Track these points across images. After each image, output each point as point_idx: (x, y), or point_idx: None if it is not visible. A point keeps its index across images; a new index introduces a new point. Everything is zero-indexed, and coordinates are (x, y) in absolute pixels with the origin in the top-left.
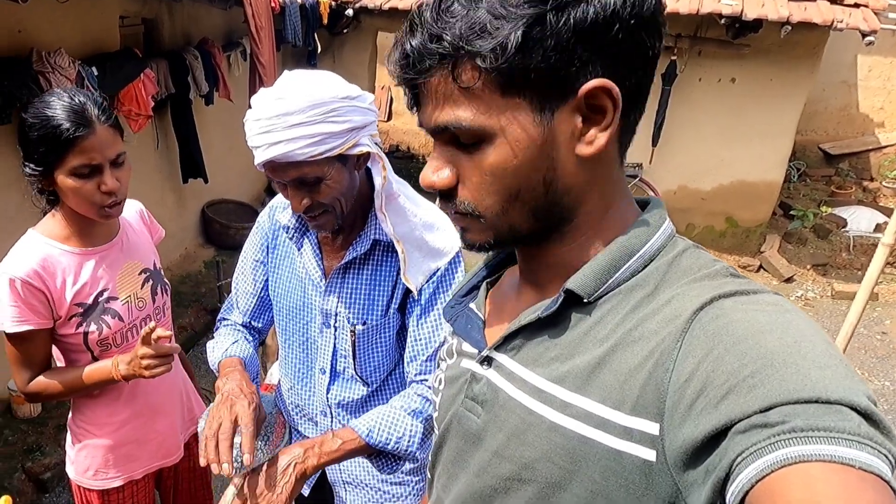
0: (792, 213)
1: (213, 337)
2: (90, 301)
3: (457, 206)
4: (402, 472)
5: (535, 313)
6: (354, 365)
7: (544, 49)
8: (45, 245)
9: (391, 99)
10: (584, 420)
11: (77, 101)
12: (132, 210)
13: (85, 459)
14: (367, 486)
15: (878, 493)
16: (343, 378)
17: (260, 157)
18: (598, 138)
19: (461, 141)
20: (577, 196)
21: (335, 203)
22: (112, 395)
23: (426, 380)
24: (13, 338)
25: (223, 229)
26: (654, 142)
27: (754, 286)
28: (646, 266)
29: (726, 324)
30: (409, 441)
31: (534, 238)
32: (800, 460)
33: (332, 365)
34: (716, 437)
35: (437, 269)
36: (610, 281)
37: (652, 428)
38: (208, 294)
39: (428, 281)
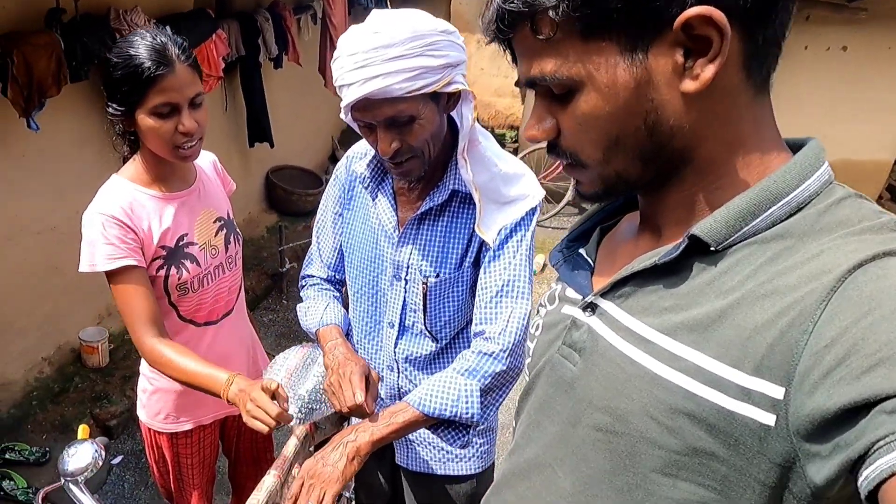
0: None
1: (294, 297)
2: (172, 244)
3: (562, 156)
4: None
5: (652, 259)
6: (424, 319)
7: None
8: (130, 188)
9: None
10: (693, 375)
11: (159, 40)
12: (206, 160)
13: (156, 403)
14: (429, 444)
15: None
16: (412, 333)
17: (353, 94)
18: (706, 71)
19: (554, 92)
20: (691, 136)
21: (424, 146)
22: (185, 344)
23: (485, 332)
24: (113, 280)
25: (286, 195)
26: None
27: None
28: (792, 215)
29: (888, 287)
30: (466, 402)
31: (650, 184)
32: None
33: (401, 319)
34: (853, 412)
35: (520, 220)
36: (745, 229)
37: (776, 392)
38: (270, 258)
39: (502, 230)
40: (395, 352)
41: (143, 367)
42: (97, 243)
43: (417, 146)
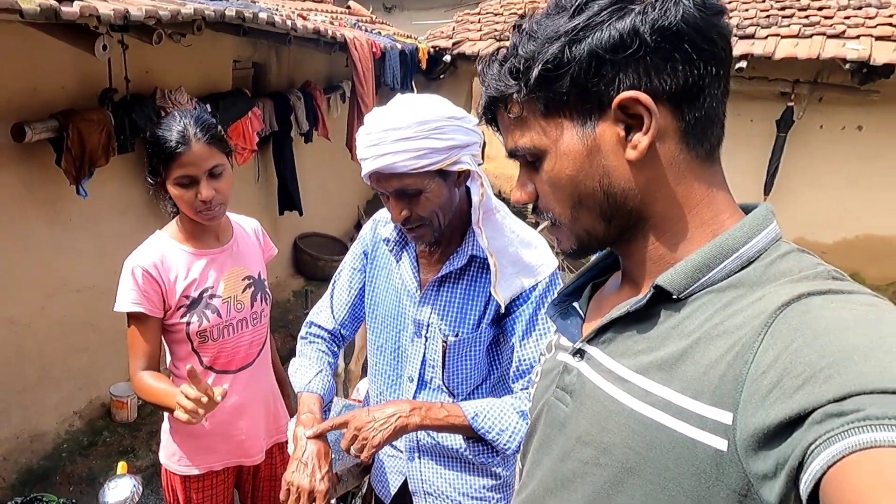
0: None
1: (297, 347)
2: (196, 295)
3: (541, 216)
4: (483, 488)
5: (625, 308)
6: (443, 375)
7: (570, 76)
8: (166, 243)
9: (484, 143)
10: (662, 408)
11: (182, 122)
12: (249, 225)
13: (171, 444)
14: (447, 498)
15: None
16: (430, 388)
17: (367, 167)
18: (641, 142)
19: (528, 160)
20: (643, 197)
21: (433, 216)
22: None
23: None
24: (130, 320)
25: (313, 261)
26: (767, 190)
27: (853, 287)
28: (744, 267)
29: (810, 319)
30: (510, 436)
31: (618, 240)
32: (872, 446)
33: (420, 374)
34: (788, 427)
35: (534, 286)
36: (703, 279)
37: (726, 417)
38: (295, 321)
39: (526, 300)
40: None
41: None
42: (126, 288)
43: (426, 216)
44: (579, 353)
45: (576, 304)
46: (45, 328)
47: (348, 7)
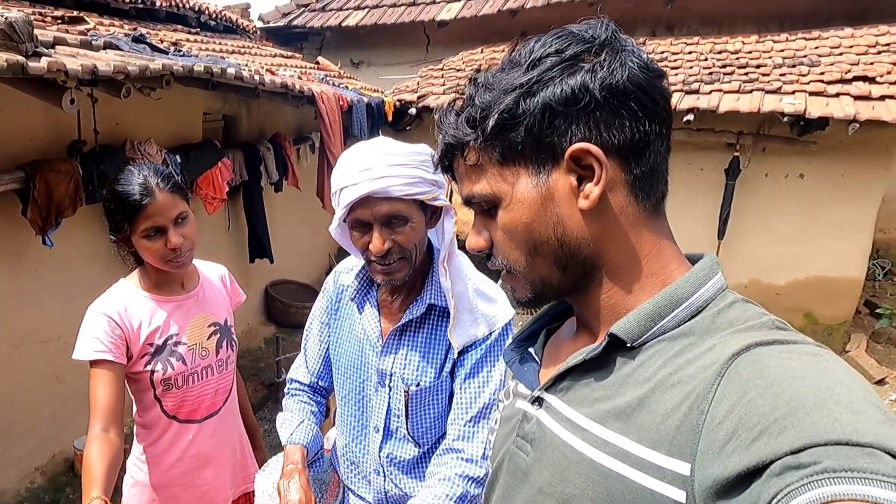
0: (878, 311)
1: (280, 403)
2: (160, 342)
3: (495, 264)
4: None
5: (582, 356)
6: (407, 425)
7: (524, 126)
8: (129, 291)
9: (451, 192)
10: (621, 459)
11: (141, 175)
12: (215, 272)
13: (134, 497)
14: None
15: None
16: (396, 437)
17: (359, 191)
18: (592, 192)
19: (484, 207)
20: (596, 246)
21: (412, 250)
22: (165, 436)
23: (462, 451)
24: (92, 369)
25: (284, 308)
26: (721, 235)
27: (797, 337)
28: (693, 316)
29: (760, 369)
30: None
31: (570, 288)
32: (834, 499)
33: (385, 423)
34: (746, 478)
35: (487, 336)
36: (655, 328)
37: (684, 469)
38: (267, 369)
39: (477, 347)
40: (380, 455)
41: (129, 461)
42: (87, 335)
43: (408, 248)
44: (538, 400)
45: (531, 350)
46: (9, 380)
47: (317, 62)
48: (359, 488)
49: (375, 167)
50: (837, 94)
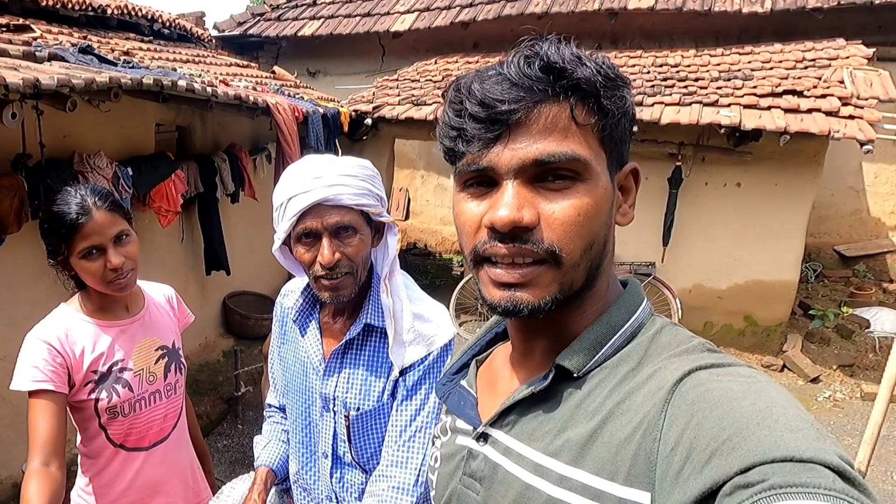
0: (812, 312)
1: (249, 421)
2: (104, 369)
3: (535, 246)
4: None
5: (529, 389)
6: (351, 450)
7: (625, 122)
8: (70, 316)
9: (409, 199)
10: (580, 493)
11: (77, 195)
12: (161, 293)
13: None
14: None
15: None
16: (344, 463)
17: (311, 198)
18: (630, 213)
19: (553, 177)
20: (606, 263)
21: (359, 264)
22: (111, 466)
23: (393, 478)
24: (31, 399)
25: (243, 320)
26: (665, 242)
27: (728, 360)
28: (628, 342)
29: (703, 392)
30: None
31: (569, 301)
32: None
33: (333, 449)
34: (704, 501)
35: (425, 357)
36: (597, 356)
37: (644, 498)
38: (225, 383)
39: (414, 368)
40: (331, 482)
41: (73, 493)
42: (26, 364)
43: (355, 260)
44: (483, 436)
45: (464, 383)
46: None
47: (273, 72)
48: None
49: (327, 175)
50: (769, 107)
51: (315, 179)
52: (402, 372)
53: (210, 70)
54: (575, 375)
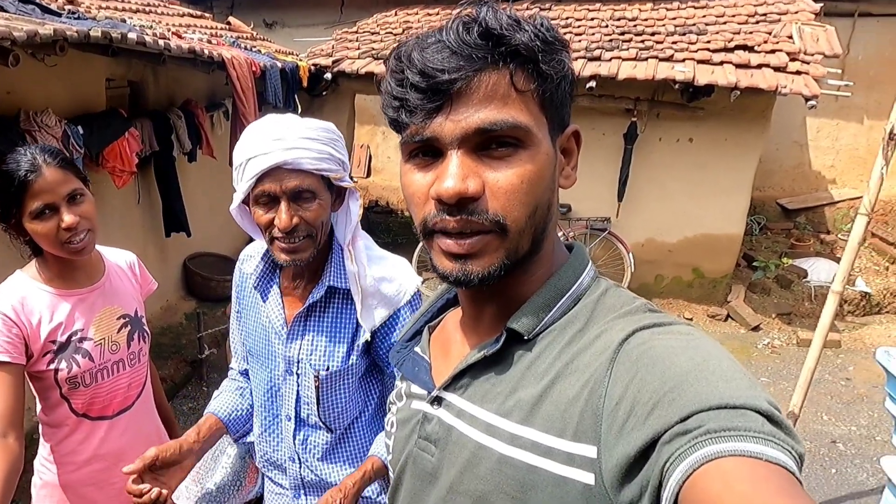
0: (755, 264)
1: (214, 383)
2: (63, 339)
3: (480, 217)
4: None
5: (481, 352)
6: (318, 411)
7: (565, 85)
8: (27, 284)
9: (370, 156)
10: (530, 450)
11: (27, 153)
12: (123, 259)
13: (44, 499)
14: None
15: (782, 479)
16: (307, 425)
17: (269, 161)
18: (572, 175)
19: (496, 145)
20: (550, 227)
21: (318, 227)
22: (74, 435)
23: None
24: None
25: (204, 282)
26: (620, 197)
27: (669, 319)
28: (575, 304)
29: (645, 350)
30: None
31: (516, 267)
32: (716, 457)
33: (296, 412)
34: (645, 452)
35: (396, 313)
36: (546, 319)
37: (590, 451)
38: (188, 345)
39: (390, 325)
40: (294, 443)
41: (36, 462)
42: None
43: (314, 225)
44: (437, 400)
45: (418, 349)
46: None
47: (228, 23)
48: (275, 476)
49: (287, 138)
50: (721, 63)
51: (275, 141)
52: (380, 332)
53: (162, 21)
54: (525, 338)
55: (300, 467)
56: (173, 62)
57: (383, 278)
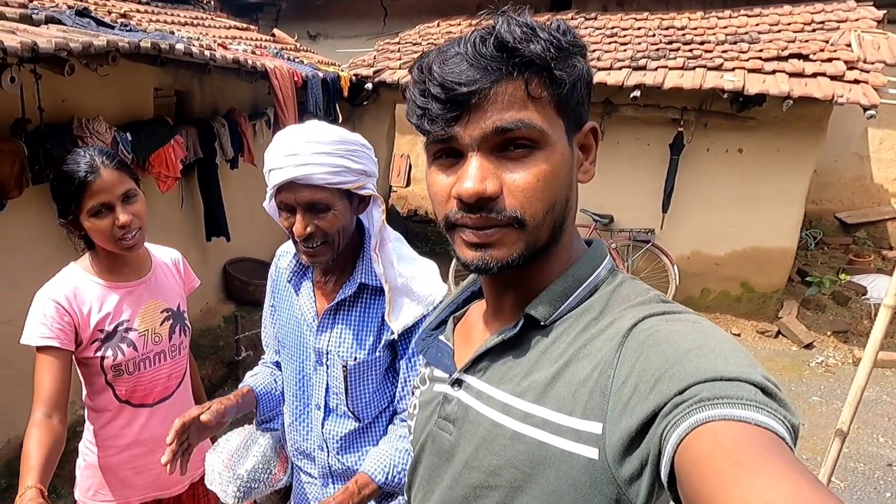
0: (808, 279)
1: (240, 382)
2: (110, 329)
3: (499, 214)
4: None
5: (500, 336)
6: (347, 401)
7: (581, 86)
8: (79, 275)
9: (410, 166)
10: (542, 427)
11: (87, 154)
12: (168, 256)
13: (87, 479)
14: None
15: (769, 441)
16: (336, 414)
17: (282, 175)
18: (591, 170)
19: (513, 147)
20: (569, 221)
21: (335, 235)
22: (116, 420)
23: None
24: (38, 355)
25: (243, 286)
26: (665, 208)
27: (679, 308)
28: (591, 294)
29: (652, 333)
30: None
31: (535, 259)
32: (707, 421)
33: (325, 401)
34: (647, 425)
35: (424, 316)
36: (563, 307)
37: (596, 428)
38: (226, 347)
39: (419, 326)
40: (322, 432)
41: (81, 444)
42: (34, 321)
43: (330, 233)
44: (457, 382)
45: (442, 338)
46: None
47: (273, 35)
48: (305, 464)
49: (301, 153)
50: (773, 72)
51: (288, 157)
52: (407, 332)
53: (208, 33)
54: (542, 324)
55: (328, 455)
56: (218, 72)
57: (414, 277)
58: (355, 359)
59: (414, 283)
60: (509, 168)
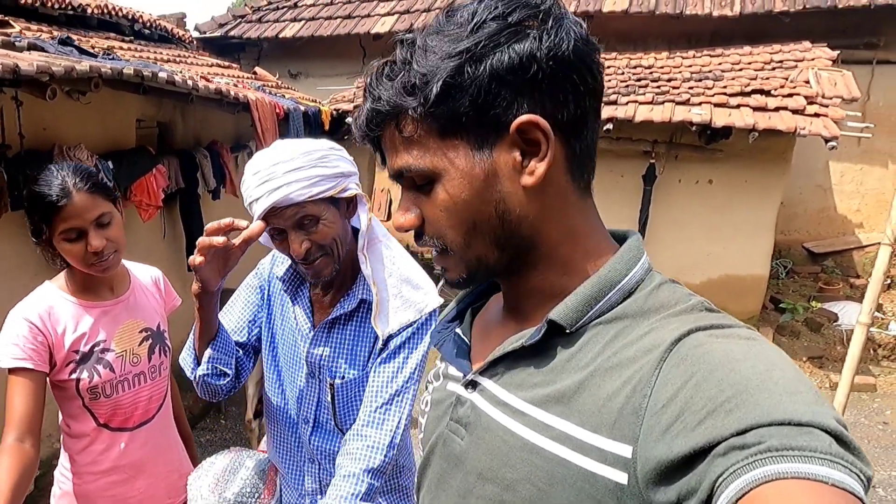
0: (782, 306)
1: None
2: (86, 349)
3: (426, 243)
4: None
5: (520, 341)
6: (335, 417)
7: (469, 95)
8: (54, 294)
9: (390, 200)
10: (563, 442)
11: (59, 175)
12: (148, 274)
13: None
14: None
15: None
16: (325, 429)
17: (262, 205)
18: (538, 168)
19: (416, 183)
20: (535, 225)
21: (332, 245)
22: (94, 445)
23: (368, 438)
24: (10, 376)
25: None
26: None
27: (729, 321)
28: (625, 298)
29: (703, 353)
30: None
31: (506, 268)
32: (777, 477)
33: (315, 416)
34: (691, 459)
35: (411, 322)
36: (591, 312)
37: (626, 451)
38: None
39: (401, 332)
40: (311, 446)
41: (56, 472)
42: (6, 341)
43: (326, 244)
44: (472, 384)
45: (458, 331)
46: None
47: (255, 73)
48: (294, 478)
49: (272, 177)
50: (738, 106)
51: (261, 185)
52: (389, 336)
53: (191, 69)
54: (567, 331)
55: (318, 468)
56: (200, 103)
57: (410, 280)
58: (343, 377)
59: (408, 287)
60: (421, 201)
